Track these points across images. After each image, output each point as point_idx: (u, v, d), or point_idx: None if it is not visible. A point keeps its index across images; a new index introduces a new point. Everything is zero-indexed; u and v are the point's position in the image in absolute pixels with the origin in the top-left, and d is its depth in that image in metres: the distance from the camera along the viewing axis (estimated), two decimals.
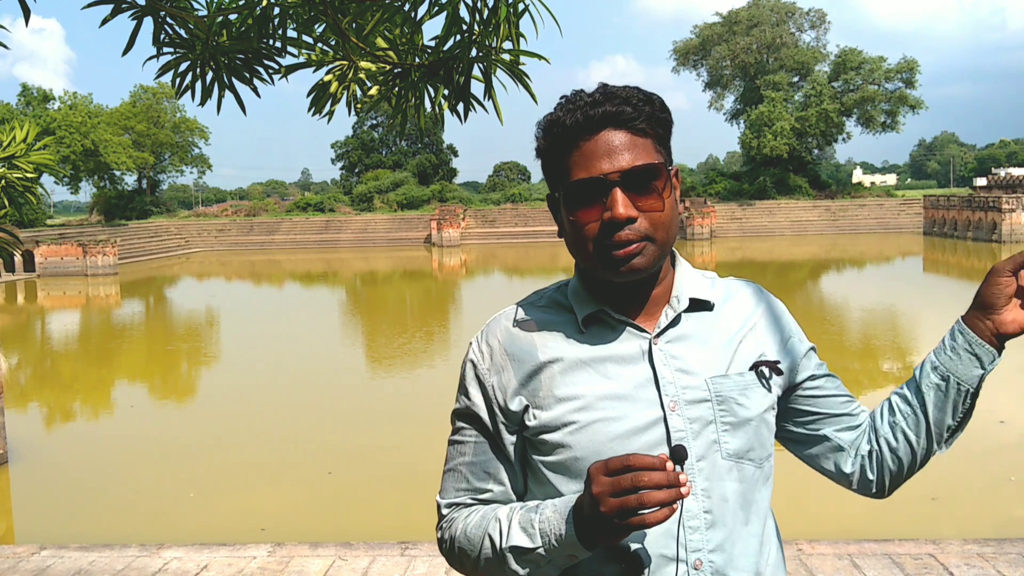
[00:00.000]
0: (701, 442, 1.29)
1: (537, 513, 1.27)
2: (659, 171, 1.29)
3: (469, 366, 1.43)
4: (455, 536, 1.37)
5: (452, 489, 1.42)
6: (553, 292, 1.43)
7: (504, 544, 1.28)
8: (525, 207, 63.36)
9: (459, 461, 1.42)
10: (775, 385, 1.36)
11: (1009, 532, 6.97)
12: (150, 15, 1.92)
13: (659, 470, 1.11)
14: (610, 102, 1.28)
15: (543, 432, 1.32)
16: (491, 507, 1.36)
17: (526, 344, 1.37)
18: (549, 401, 1.32)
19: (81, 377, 18.24)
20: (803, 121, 62.44)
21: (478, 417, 1.39)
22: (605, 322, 1.35)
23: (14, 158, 2.28)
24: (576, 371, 1.32)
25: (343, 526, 7.98)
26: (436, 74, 1.86)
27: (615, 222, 1.26)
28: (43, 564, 4.97)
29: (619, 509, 1.12)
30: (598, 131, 1.28)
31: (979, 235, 46.40)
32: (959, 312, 1.48)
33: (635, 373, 1.31)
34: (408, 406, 13.51)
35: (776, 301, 1.46)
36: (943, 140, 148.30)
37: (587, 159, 1.28)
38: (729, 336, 1.36)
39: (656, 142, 1.31)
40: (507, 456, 1.38)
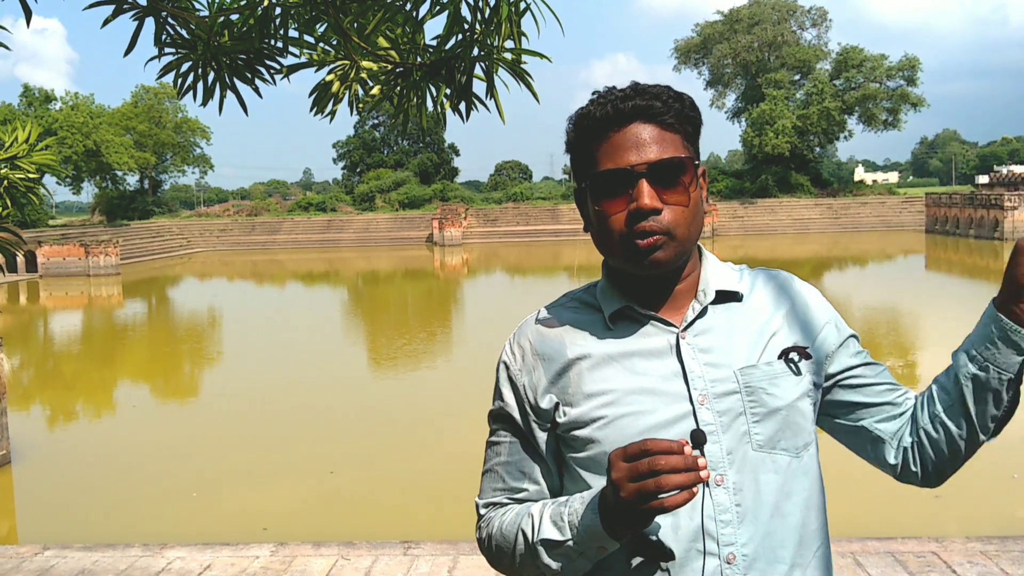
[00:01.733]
0: (731, 435, 1.28)
1: (567, 506, 1.28)
2: (686, 166, 1.30)
3: (502, 367, 1.44)
4: (492, 534, 1.38)
5: (489, 490, 1.44)
6: (582, 293, 1.44)
7: (536, 538, 1.29)
8: (527, 206, 63.34)
9: (495, 462, 1.43)
10: (806, 371, 1.34)
11: (1012, 530, 6.96)
12: (152, 16, 1.93)
13: (676, 454, 1.11)
14: (640, 96, 1.30)
15: (573, 428, 1.33)
16: (526, 505, 1.37)
17: (555, 343, 1.38)
18: (578, 397, 1.33)
19: (83, 377, 18.27)
20: (805, 119, 62.38)
21: (511, 417, 1.41)
22: (632, 318, 1.36)
23: (16, 159, 2.29)
24: (604, 367, 1.33)
25: (346, 526, 7.98)
26: (438, 73, 1.86)
27: (640, 212, 1.27)
28: (46, 564, 4.97)
29: (637, 494, 1.12)
30: (628, 124, 1.29)
31: (981, 233, 46.33)
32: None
33: (663, 367, 1.31)
34: (410, 406, 13.52)
35: (810, 289, 1.44)
36: (945, 138, 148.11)
37: (615, 150, 1.29)
38: (759, 326, 1.35)
39: (684, 139, 1.32)
40: (541, 455, 1.39)
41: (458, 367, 17.46)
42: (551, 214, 61.60)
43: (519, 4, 1.72)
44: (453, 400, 13.62)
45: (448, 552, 4.86)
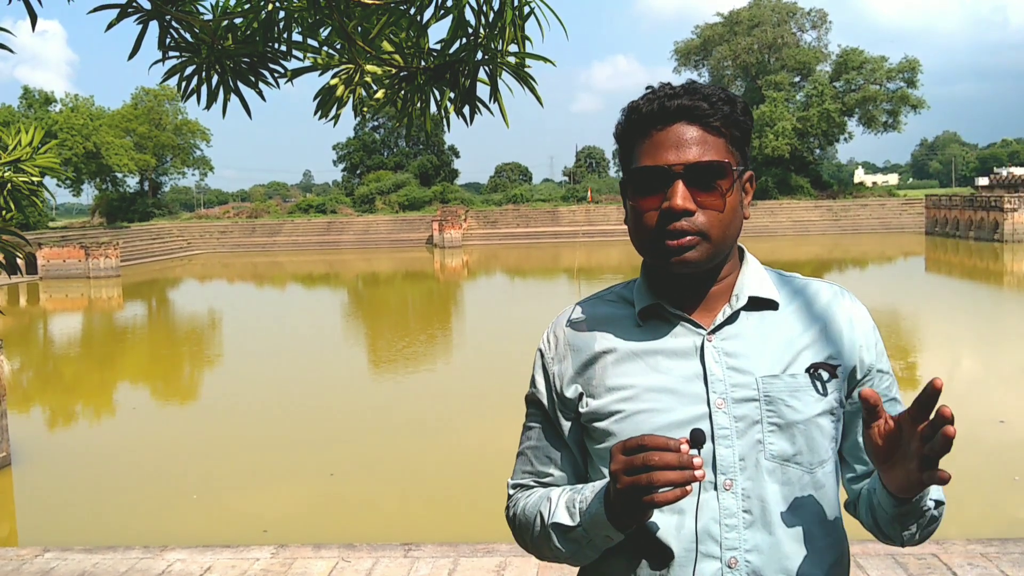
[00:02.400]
0: (745, 441, 1.28)
1: (580, 494, 1.31)
2: (725, 170, 1.30)
3: (538, 354, 1.47)
4: (517, 514, 1.42)
5: (519, 471, 1.48)
6: (621, 287, 1.46)
7: (549, 521, 1.32)
8: (527, 208, 63.35)
9: (526, 445, 1.48)
10: (833, 389, 1.32)
11: (1013, 532, 6.97)
12: (155, 19, 1.93)
13: (672, 451, 1.12)
14: (689, 96, 1.30)
15: (593, 420, 1.35)
16: (548, 488, 1.40)
17: (586, 335, 1.41)
18: (600, 390, 1.35)
19: (84, 379, 18.26)
20: (805, 121, 62.43)
21: (541, 403, 1.44)
22: (662, 316, 1.37)
23: (20, 162, 2.29)
24: (628, 362, 1.35)
25: (346, 528, 7.97)
26: (442, 77, 1.87)
27: (672, 212, 1.27)
28: (47, 566, 4.97)
29: (630, 487, 1.14)
30: (672, 123, 1.30)
31: (981, 235, 46.34)
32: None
33: (685, 368, 1.32)
34: (410, 408, 13.52)
35: (858, 309, 1.40)
36: (945, 139, 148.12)
37: (656, 148, 1.30)
38: (790, 337, 1.34)
39: (730, 143, 1.32)
40: (566, 442, 1.42)
41: (458, 369, 17.47)
42: (551, 216, 61.61)
43: (523, 8, 1.72)
44: (453, 402, 13.63)
45: (448, 554, 4.86)
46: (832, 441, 1.34)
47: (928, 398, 1.15)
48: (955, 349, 17.53)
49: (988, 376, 14.90)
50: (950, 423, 1.13)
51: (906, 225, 58.83)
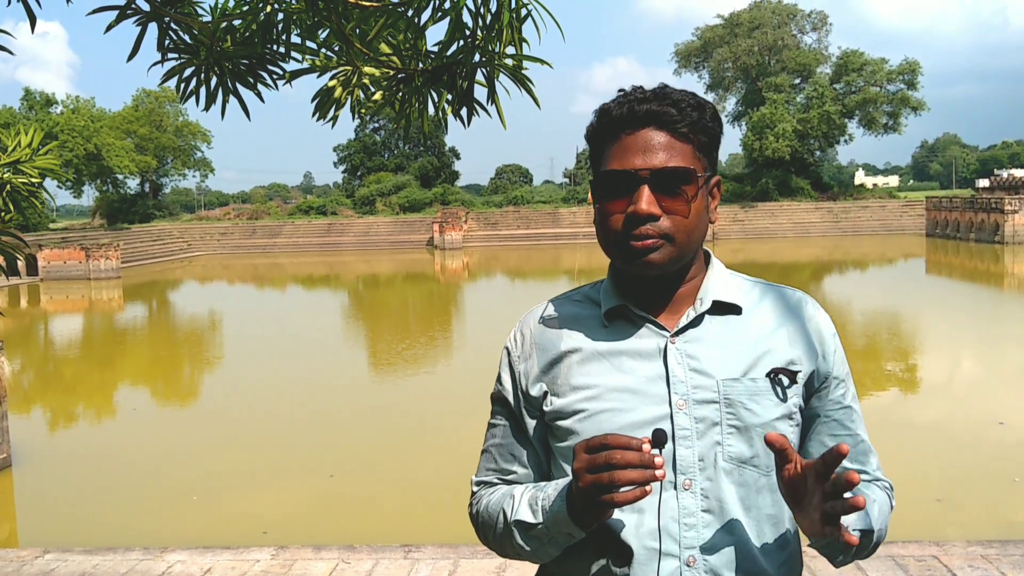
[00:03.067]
0: (705, 442, 1.30)
1: (542, 491, 1.32)
2: (690, 177, 1.31)
3: (504, 352, 1.48)
4: (480, 511, 1.44)
5: (484, 468, 1.50)
6: (588, 288, 1.48)
7: (511, 518, 1.34)
8: (527, 209, 63.36)
9: (491, 443, 1.49)
10: (793, 394, 1.34)
11: (1013, 534, 6.97)
12: (155, 21, 1.94)
13: (635, 450, 1.14)
14: (658, 101, 1.31)
15: (557, 418, 1.37)
16: (512, 486, 1.42)
17: (553, 334, 1.42)
18: (565, 389, 1.37)
19: (84, 380, 18.27)
20: (805, 123, 62.43)
21: (507, 401, 1.46)
22: (628, 318, 1.39)
23: (19, 163, 2.30)
24: (593, 362, 1.37)
25: (346, 529, 7.97)
26: (440, 79, 1.87)
27: (637, 217, 1.29)
28: (47, 567, 4.98)
29: (592, 485, 1.16)
30: (641, 127, 1.31)
31: (982, 236, 46.34)
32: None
33: (648, 369, 1.34)
34: (410, 409, 13.52)
35: (820, 316, 1.42)
36: (945, 141, 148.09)
37: (624, 152, 1.32)
38: (752, 341, 1.36)
39: (697, 149, 1.33)
40: (530, 440, 1.44)
41: (458, 370, 17.46)
42: (551, 217, 61.62)
43: (520, 10, 1.73)
44: (454, 404, 13.62)
45: (448, 556, 4.86)
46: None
47: (832, 459, 1.15)
48: (955, 351, 17.52)
49: (988, 378, 14.89)
50: (854, 486, 1.13)
51: (907, 227, 58.83)
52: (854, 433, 1.41)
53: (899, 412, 12.70)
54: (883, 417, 12.27)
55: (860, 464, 1.42)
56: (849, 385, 1.42)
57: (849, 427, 1.41)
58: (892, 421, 11.94)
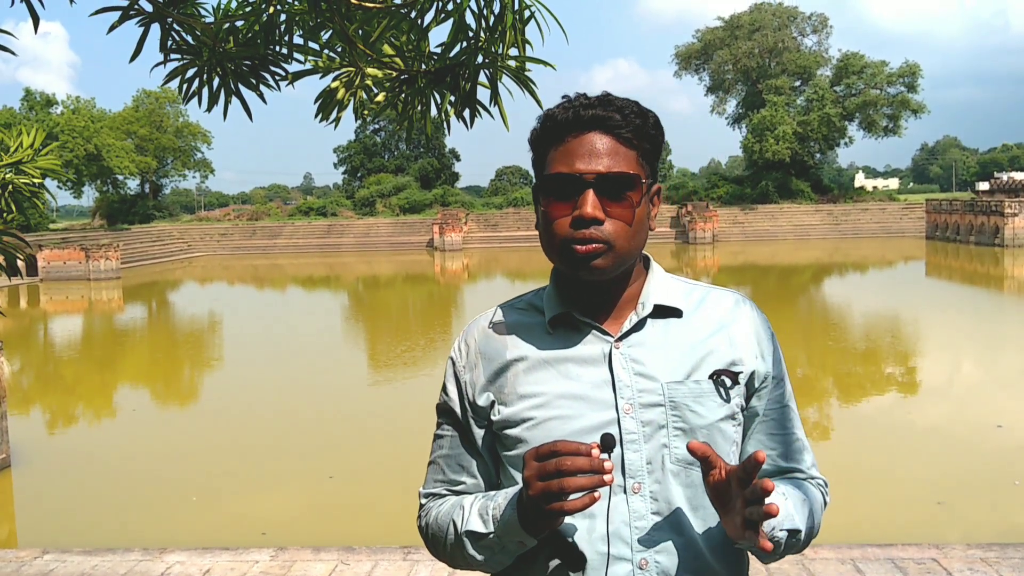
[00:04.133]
0: (652, 445, 1.31)
1: (492, 500, 1.33)
2: (634, 182, 1.32)
3: (449, 363, 1.49)
4: (429, 523, 1.45)
5: (431, 480, 1.50)
6: (532, 295, 1.48)
7: (462, 529, 1.34)
8: (527, 211, 63.33)
9: (438, 454, 1.49)
10: (736, 395, 1.36)
11: (1013, 537, 6.96)
12: (157, 22, 1.94)
13: (583, 456, 1.15)
14: (603, 107, 1.32)
15: (505, 427, 1.37)
16: (461, 496, 1.43)
17: (498, 343, 1.43)
18: (512, 397, 1.37)
19: (84, 381, 18.26)
20: (805, 125, 62.41)
21: (453, 412, 1.46)
22: (572, 324, 1.39)
23: (21, 163, 2.30)
24: (539, 370, 1.37)
25: (345, 531, 7.97)
26: (442, 80, 1.87)
27: (581, 220, 1.30)
28: (46, 568, 4.97)
29: (542, 493, 1.17)
30: (585, 132, 1.32)
31: (981, 239, 46.35)
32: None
33: (594, 374, 1.35)
34: (410, 410, 13.51)
35: (759, 317, 1.44)
36: (945, 144, 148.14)
37: (569, 156, 1.32)
38: (693, 344, 1.37)
39: (641, 156, 1.34)
40: (478, 450, 1.44)
41: None
42: None
43: (523, 12, 1.73)
44: None
45: None
46: (734, 444, 1.38)
47: (751, 466, 1.17)
48: (955, 354, 17.52)
49: (988, 381, 14.89)
50: (768, 494, 1.15)
51: (906, 229, 58.84)
52: (790, 432, 1.43)
53: (899, 415, 12.70)
54: (883, 420, 12.27)
55: (795, 463, 1.43)
56: (786, 385, 1.45)
57: (786, 426, 1.43)
58: (892, 424, 11.94)
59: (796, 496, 1.36)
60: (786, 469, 1.43)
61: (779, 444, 1.43)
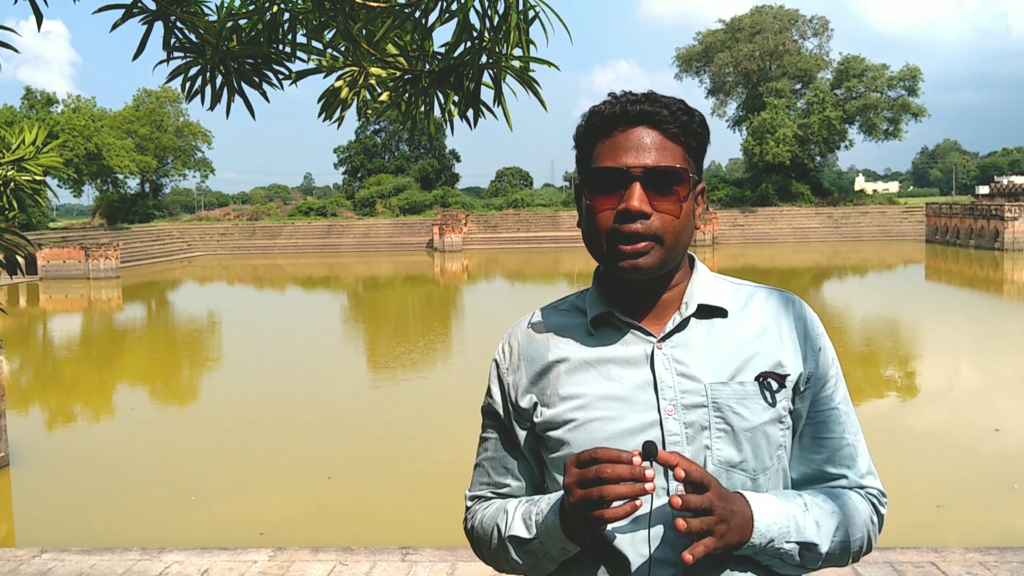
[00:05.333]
0: (694, 447, 1.29)
1: (535, 505, 1.32)
2: (682, 177, 1.31)
3: (493, 365, 1.48)
4: (475, 526, 1.44)
5: (477, 483, 1.50)
6: (575, 297, 1.47)
7: (506, 533, 1.34)
8: (527, 212, 63.37)
9: (483, 457, 1.49)
10: (782, 398, 1.33)
11: (1011, 540, 6.96)
12: (160, 20, 1.93)
13: (624, 464, 1.14)
14: (650, 103, 1.32)
15: (548, 429, 1.36)
16: (505, 500, 1.42)
17: (540, 345, 1.41)
18: (554, 399, 1.36)
19: (83, 380, 18.25)
20: (805, 128, 62.47)
21: (498, 414, 1.45)
22: (614, 325, 1.38)
23: (23, 161, 2.29)
24: (580, 371, 1.36)
25: (344, 531, 7.97)
26: (446, 80, 1.87)
27: (628, 213, 1.28)
28: (44, 567, 4.97)
29: (582, 501, 1.16)
30: (633, 126, 1.31)
31: (981, 243, 46.36)
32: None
33: (636, 376, 1.33)
34: (409, 412, 13.51)
35: (810, 316, 1.40)
36: (945, 148, 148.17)
37: (616, 150, 1.31)
38: (739, 344, 1.34)
39: (687, 152, 1.33)
40: (522, 452, 1.43)
41: (457, 373, 17.45)
42: (551, 221, 61.64)
43: (528, 12, 1.73)
44: (452, 406, 13.61)
45: (446, 559, 4.85)
46: (780, 449, 1.34)
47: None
48: (954, 358, 17.52)
49: (988, 385, 14.89)
50: (680, 517, 1.18)
51: (906, 233, 58.88)
52: (839, 436, 1.38)
53: (898, 418, 12.70)
54: (882, 423, 12.26)
55: (842, 469, 1.38)
56: (838, 386, 1.40)
57: (834, 429, 1.38)
58: (891, 427, 11.93)
59: (822, 508, 1.31)
60: (832, 476, 1.38)
61: (824, 449, 1.38)
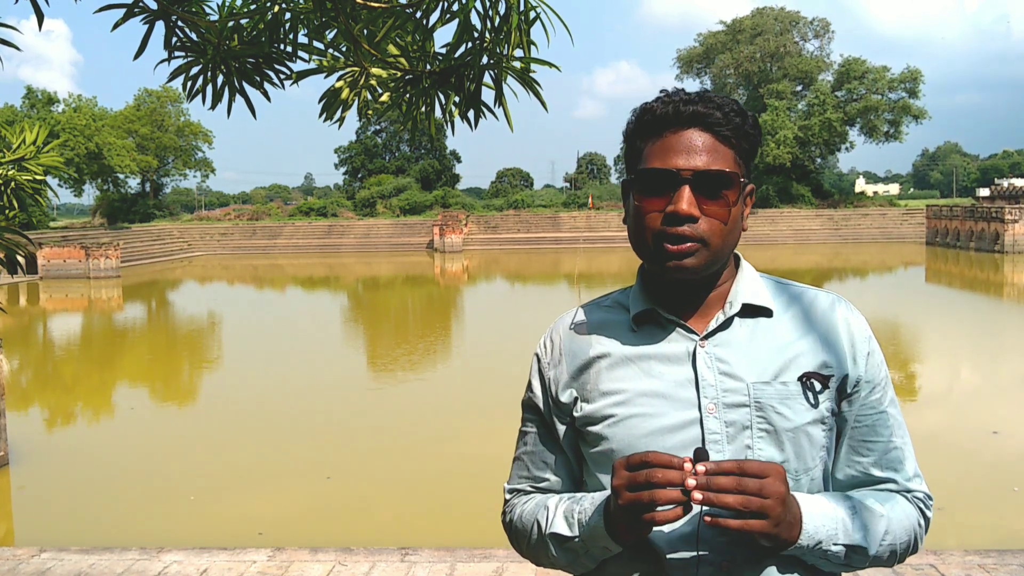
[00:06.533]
0: (735, 446, 1.29)
1: (578, 504, 1.32)
2: (732, 181, 1.31)
3: (534, 359, 1.48)
4: (513, 520, 1.44)
5: (516, 476, 1.49)
6: (618, 293, 1.47)
7: (547, 530, 1.34)
8: (528, 213, 63.39)
9: (522, 450, 1.49)
10: (825, 399, 1.32)
11: (1011, 543, 6.95)
12: (161, 19, 1.93)
13: (676, 469, 1.14)
14: (703, 104, 1.31)
15: (587, 424, 1.36)
16: (546, 495, 1.42)
17: (582, 340, 1.42)
18: (594, 394, 1.36)
19: (82, 379, 18.25)
20: (806, 130, 62.51)
21: (538, 408, 1.45)
22: (657, 322, 1.38)
23: (24, 160, 2.29)
24: (621, 367, 1.36)
25: (343, 531, 7.96)
26: (447, 81, 1.87)
27: (676, 216, 1.28)
28: (43, 566, 4.96)
29: (632, 504, 1.16)
30: (685, 128, 1.31)
31: (982, 245, 46.37)
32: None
33: (678, 373, 1.33)
34: (408, 412, 13.51)
35: (856, 318, 1.39)
36: (946, 150, 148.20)
37: (667, 151, 1.30)
38: (783, 344, 1.34)
39: (737, 154, 1.33)
40: (561, 447, 1.43)
41: (457, 374, 17.45)
42: (552, 222, 61.65)
43: (529, 13, 1.73)
44: (452, 407, 13.61)
45: (445, 559, 4.85)
46: (822, 450, 1.34)
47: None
48: (955, 360, 17.52)
49: (988, 387, 14.89)
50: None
51: (907, 235, 58.89)
52: (887, 440, 1.37)
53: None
54: None
55: (890, 472, 1.37)
56: (887, 389, 1.39)
57: (881, 433, 1.37)
58: None
59: (870, 511, 1.30)
60: (879, 479, 1.37)
61: (871, 452, 1.37)
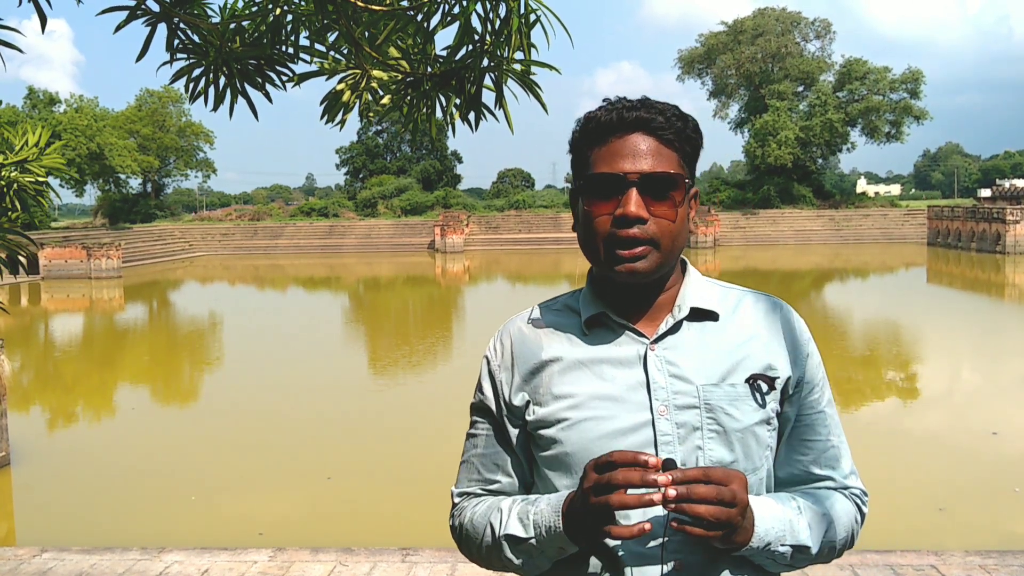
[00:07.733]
0: (686, 447, 1.31)
1: (534, 505, 1.33)
2: (677, 182, 1.33)
3: (484, 362, 1.49)
4: (463, 523, 1.44)
5: (465, 479, 1.49)
6: (568, 297, 1.49)
7: (501, 532, 1.35)
8: (529, 214, 63.39)
9: (472, 453, 1.49)
10: (771, 400, 1.36)
11: (1012, 544, 6.95)
12: (164, 21, 1.94)
13: (639, 467, 1.16)
14: (646, 109, 1.34)
15: (540, 427, 1.38)
16: (498, 498, 1.43)
17: (533, 343, 1.43)
18: (547, 398, 1.38)
19: (84, 380, 18.26)
20: (807, 131, 62.43)
21: (489, 410, 1.46)
22: (607, 325, 1.40)
23: (26, 162, 2.30)
24: (573, 371, 1.37)
25: (344, 532, 7.97)
26: (448, 83, 1.88)
27: (625, 219, 1.30)
28: (44, 566, 4.97)
29: (596, 509, 1.19)
30: (629, 132, 1.33)
31: (983, 246, 46.34)
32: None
33: (629, 376, 1.35)
34: (409, 412, 13.51)
35: (796, 321, 1.44)
36: (947, 151, 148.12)
37: (612, 156, 1.33)
38: (730, 347, 1.37)
39: (681, 157, 1.35)
40: (513, 449, 1.44)
41: (457, 374, 17.44)
42: (553, 222, 61.65)
43: (529, 16, 1.73)
44: (452, 407, 13.57)
45: (446, 560, 4.86)
46: (767, 449, 1.38)
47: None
48: (956, 361, 17.51)
49: (989, 388, 14.88)
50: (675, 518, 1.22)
51: (908, 236, 58.84)
52: (825, 439, 1.42)
53: (899, 421, 12.70)
54: (883, 426, 12.26)
55: (828, 470, 1.42)
56: (824, 390, 1.44)
57: (820, 432, 1.42)
58: (892, 430, 11.94)
59: (814, 511, 1.35)
60: (818, 477, 1.42)
61: (811, 450, 1.42)
